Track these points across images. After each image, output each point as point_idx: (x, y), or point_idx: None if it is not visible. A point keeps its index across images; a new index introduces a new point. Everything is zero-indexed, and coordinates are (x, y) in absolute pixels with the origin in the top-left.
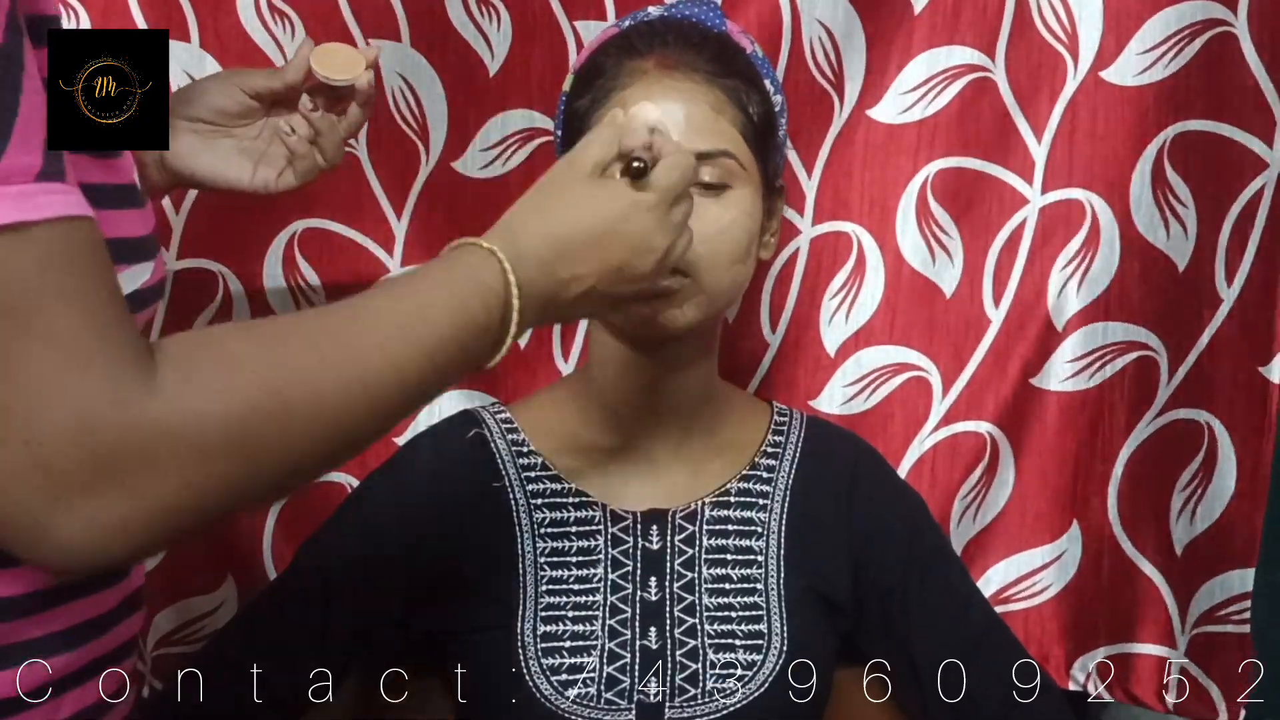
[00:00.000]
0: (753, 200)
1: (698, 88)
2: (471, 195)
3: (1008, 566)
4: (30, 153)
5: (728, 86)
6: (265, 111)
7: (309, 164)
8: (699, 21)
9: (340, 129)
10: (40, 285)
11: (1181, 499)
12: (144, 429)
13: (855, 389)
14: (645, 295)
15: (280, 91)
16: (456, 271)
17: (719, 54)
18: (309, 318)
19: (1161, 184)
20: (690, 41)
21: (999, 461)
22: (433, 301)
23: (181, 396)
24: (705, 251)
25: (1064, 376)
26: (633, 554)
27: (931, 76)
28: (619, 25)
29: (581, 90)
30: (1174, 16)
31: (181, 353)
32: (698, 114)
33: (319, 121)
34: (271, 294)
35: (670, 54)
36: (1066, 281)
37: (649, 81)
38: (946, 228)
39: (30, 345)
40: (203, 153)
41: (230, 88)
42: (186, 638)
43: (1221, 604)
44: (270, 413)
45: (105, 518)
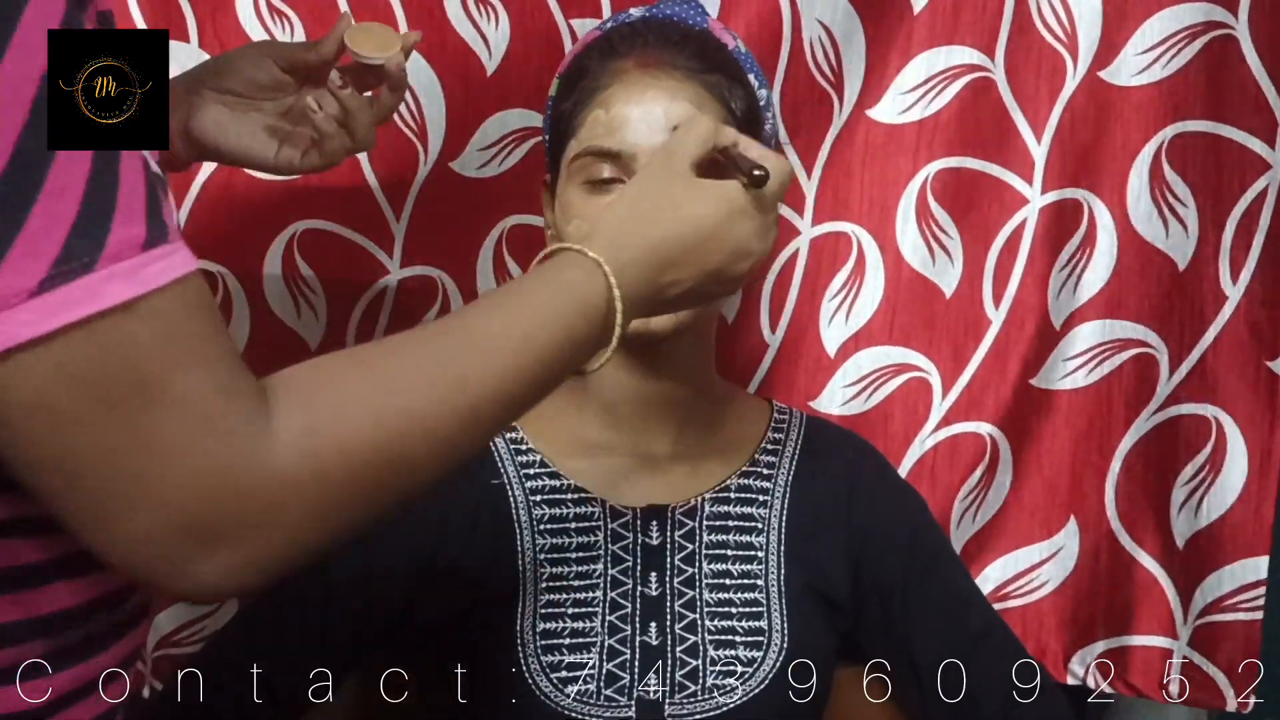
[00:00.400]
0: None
1: (679, 85)
2: (470, 195)
3: (1005, 563)
4: (134, 223)
5: (709, 82)
6: (297, 87)
7: (335, 144)
8: (680, 20)
9: (371, 111)
10: (164, 356)
11: (1184, 492)
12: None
13: (855, 390)
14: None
15: (314, 65)
16: (563, 286)
17: (700, 51)
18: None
19: (1160, 184)
20: (670, 40)
21: (999, 462)
22: (542, 322)
23: (302, 444)
24: None
25: (1063, 375)
26: (633, 550)
27: (931, 76)
28: (601, 28)
29: (566, 93)
30: (1173, 18)
31: (296, 392)
32: (678, 110)
33: (348, 100)
34: (271, 294)
35: (650, 53)
36: (1065, 281)
37: (629, 81)
38: (946, 228)
39: (159, 415)
40: (229, 125)
41: (263, 59)
42: (186, 638)
43: (1230, 593)
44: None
45: (240, 561)
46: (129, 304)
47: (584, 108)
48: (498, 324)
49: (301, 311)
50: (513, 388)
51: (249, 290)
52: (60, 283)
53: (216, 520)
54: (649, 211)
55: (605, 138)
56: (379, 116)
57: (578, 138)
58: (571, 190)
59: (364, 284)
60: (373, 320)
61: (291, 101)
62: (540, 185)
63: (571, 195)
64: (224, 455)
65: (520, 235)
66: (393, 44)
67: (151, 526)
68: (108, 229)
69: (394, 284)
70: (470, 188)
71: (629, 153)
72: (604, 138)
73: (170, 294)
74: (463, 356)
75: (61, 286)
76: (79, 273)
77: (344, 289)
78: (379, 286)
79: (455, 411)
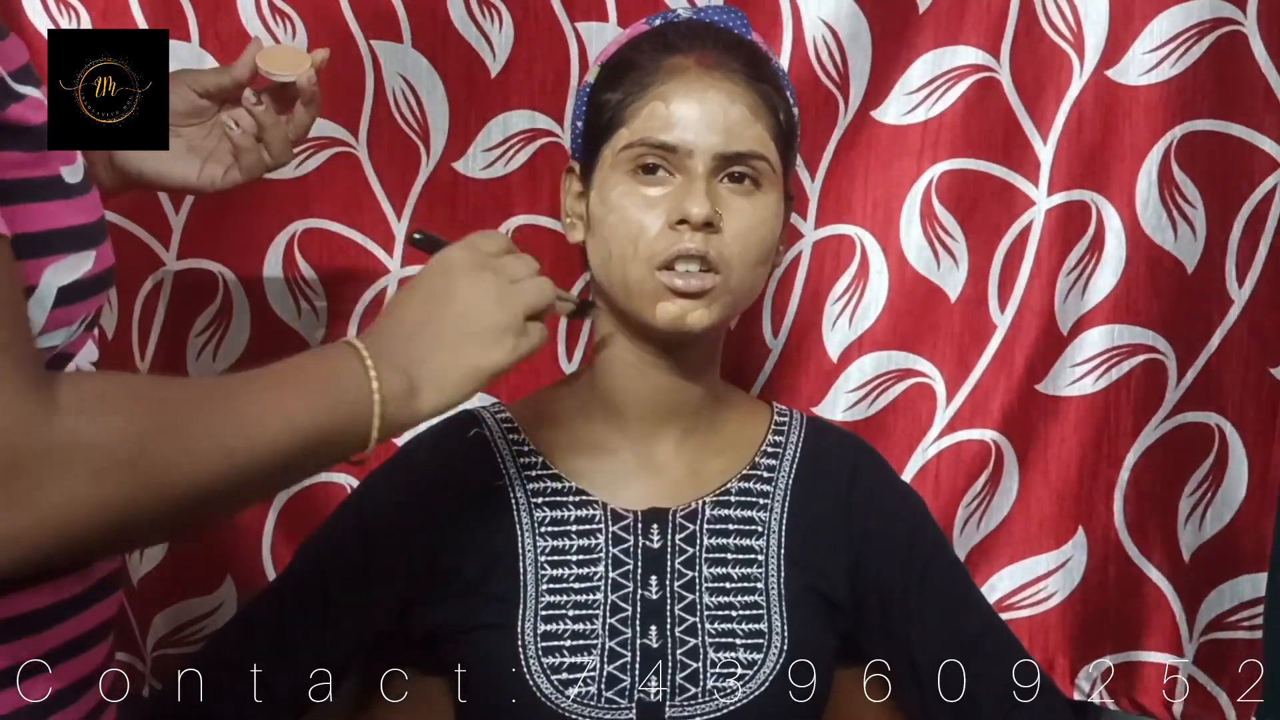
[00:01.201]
0: (778, 204)
1: (737, 88)
2: (472, 196)
3: (1012, 573)
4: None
5: (763, 91)
6: (215, 111)
7: (254, 159)
8: (730, 27)
9: (286, 127)
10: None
11: (1190, 504)
12: (44, 447)
13: (858, 395)
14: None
15: (229, 89)
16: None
17: (753, 59)
18: (204, 382)
19: (1169, 184)
20: (728, 45)
21: (1003, 469)
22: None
23: (81, 420)
24: (738, 248)
25: (1070, 381)
26: (633, 553)
27: (936, 77)
28: (649, 23)
29: (613, 83)
30: (1181, 15)
31: (85, 384)
32: (736, 114)
33: (263, 116)
34: (271, 294)
35: (710, 54)
36: (1073, 285)
37: (690, 79)
38: (951, 231)
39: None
40: (151, 154)
41: (180, 88)
42: (186, 638)
43: (1231, 610)
44: (157, 445)
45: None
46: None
47: (637, 99)
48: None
49: (302, 311)
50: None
51: (249, 290)
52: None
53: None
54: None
55: (663, 131)
56: (295, 133)
57: (630, 127)
58: (616, 179)
59: (364, 284)
60: (372, 320)
61: (211, 123)
62: (544, 186)
63: (616, 184)
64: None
65: (524, 236)
66: (302, 62)
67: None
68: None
69: (394, 284)
70: (473, 189)
71: (686, 148)
72: (662, 130)
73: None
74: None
75: None
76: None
77: (344, 289)
78: (379, 286)
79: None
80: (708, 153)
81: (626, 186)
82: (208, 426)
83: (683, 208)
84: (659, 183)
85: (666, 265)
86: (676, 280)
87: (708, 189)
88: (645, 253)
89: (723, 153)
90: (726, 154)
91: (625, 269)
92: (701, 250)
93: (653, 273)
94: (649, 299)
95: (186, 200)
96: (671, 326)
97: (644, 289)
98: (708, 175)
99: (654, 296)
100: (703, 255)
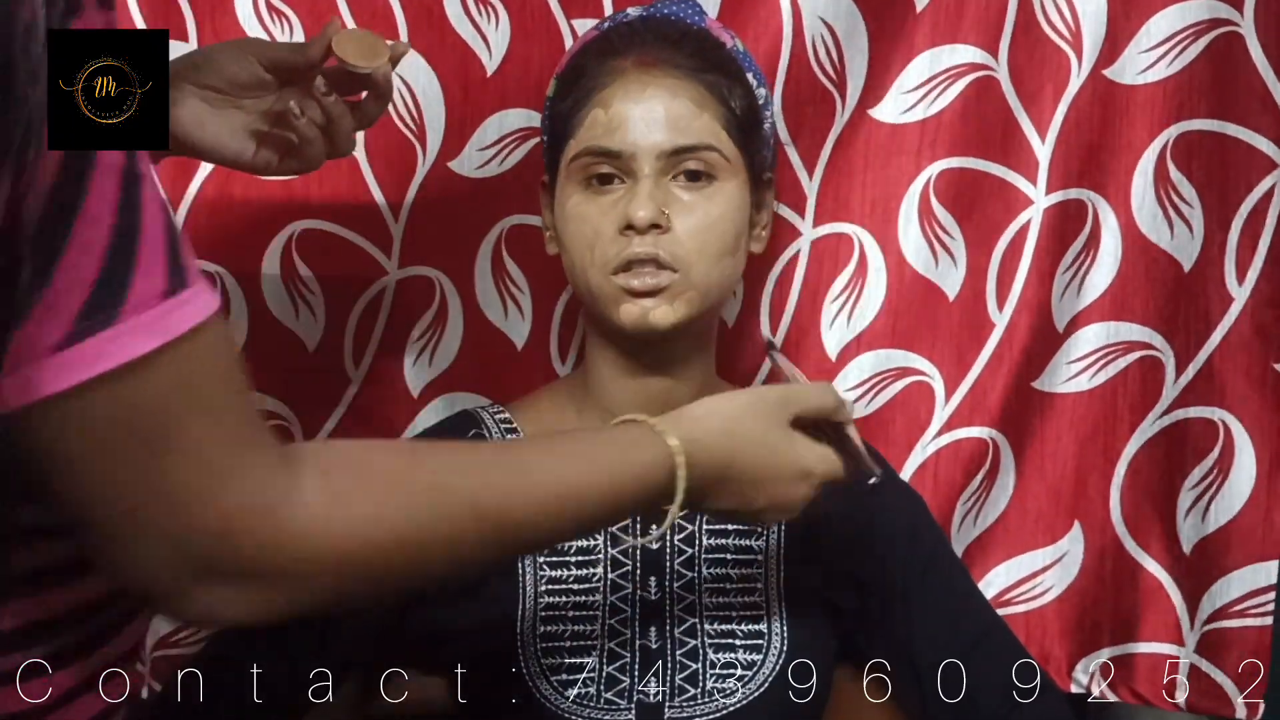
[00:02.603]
0: (739, 193)
1: (678, 83)
2: (469, 195)
3: (1009, 569)
4: (155, 274)
5: (709, 81)
6: (278, 87)
7: (315, 150)
8: (679, 18)
9: (352, 119)
10: (179, 403)
11: (1191, 497)
12: (290, 540)
13: (857, 394)
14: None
15: (298, 67)
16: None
17: (699, 49)
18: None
19: (1165, 183)
20: (669, 39)
21: (1000, 466)
22: (595, 484)
23: (330, 515)
24: (694, 245)
25: (1067, 378)
26: (632, 554)
27: (934, 75)
28: (598, 28)
29: (564, 92)
30: (1178, 15)
31: (328, 465)
32: (678, 109)
33: (331, 107)
34: (270, 294)
35: (649, 52)
36: (1069, 282)
37: (628, 80)
38: (949, 229)
39: (172, 460)
40: (207, 122)
41: (246, 57)
42: (186, 638)
43: (1239, 599)
44: (411, 549)
45: (243, 600)
46: (148, 356)
47: (582, 107)
48: (553, 475)
49: (300, 312)
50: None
51: (247, 290)
52: (83, 338)
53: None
54: (740, 434)
55: (605, 137)
56: (360, 125)
57: (576, 137)
58: (570, 190)
59: (362, 284)
60: (371, 320)
61: (271, 102)
62: (539, 184)
63: (570, 195)
64: (237, 505)
65: (519, 236)
66: (380, 53)
67: (153, 559)
68: (129, 282)
69: (392, 284)
70: (470, 188)
71: (629, 152)
72: (603, 137)
73: (189, 340)
74: (511, 495)
75: (83, 342)
76: (101, 327)
77: (342, 289)
78: (378, 287)
79: (488, 541)
80: (651, 152)
81: (580, 196)
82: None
83: (627, 213)
84: (612, 191)
85: (621, 269)
86: (633, 281)
87: (655, 190)
88: (600, 260)
89: (666, 149)
90: (671, 150)
91: (586, 276)
92: (651, 253)
93: (609, 277)
94: (610, 303)
95: (185, 200)
96: (636, 326)
97: (604, 293)
98: (656, 175)
99: (614, 300)
100: (653, 258)
